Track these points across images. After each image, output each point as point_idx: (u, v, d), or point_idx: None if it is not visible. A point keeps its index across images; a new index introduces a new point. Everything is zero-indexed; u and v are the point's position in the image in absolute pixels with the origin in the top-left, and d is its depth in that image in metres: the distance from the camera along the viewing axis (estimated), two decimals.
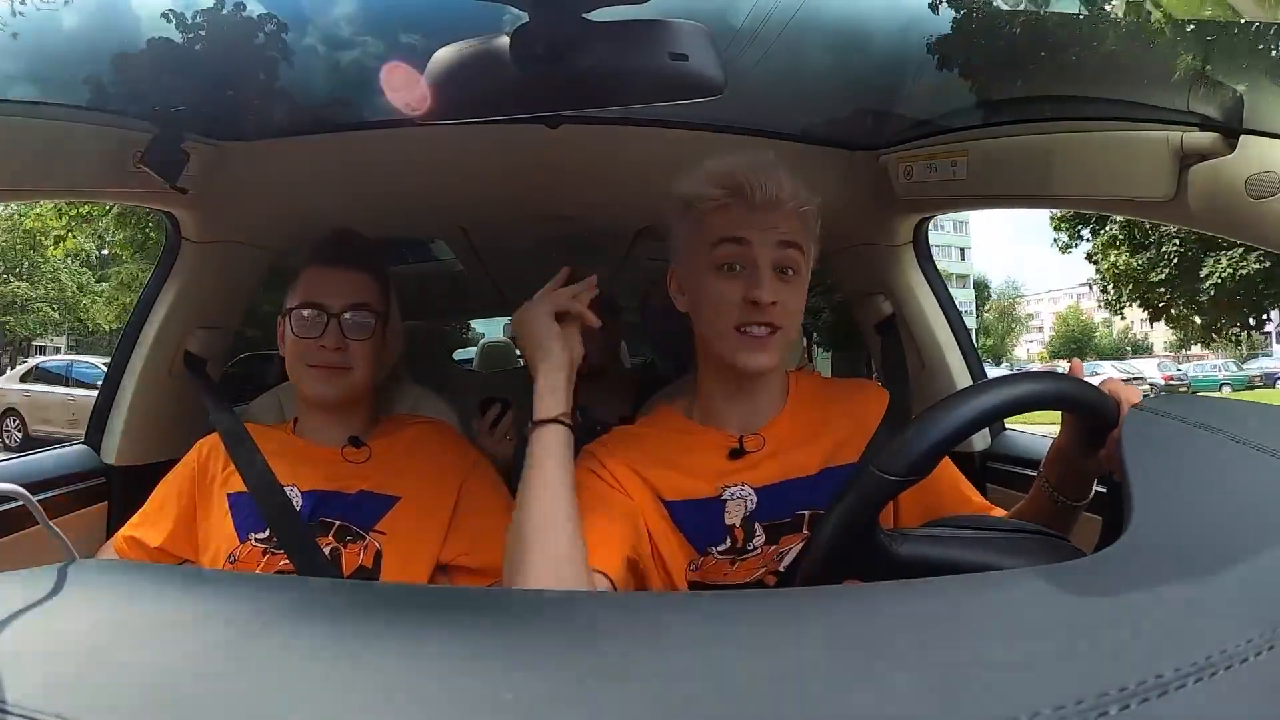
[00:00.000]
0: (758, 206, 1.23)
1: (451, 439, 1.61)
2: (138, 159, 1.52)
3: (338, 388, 1.49)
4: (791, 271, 1.25)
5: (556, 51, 1.07)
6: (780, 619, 0.66)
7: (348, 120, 1.75)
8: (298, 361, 1.49)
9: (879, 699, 0.53)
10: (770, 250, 1.23)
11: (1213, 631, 0.59)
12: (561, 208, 2.13)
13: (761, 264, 1.23)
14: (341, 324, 1.48)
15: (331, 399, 1.50)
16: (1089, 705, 0.48)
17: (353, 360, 1.49)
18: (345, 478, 1.49)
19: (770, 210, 1.24)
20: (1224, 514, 0.81)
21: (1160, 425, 0.95)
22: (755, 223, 1.23)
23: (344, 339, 1.48)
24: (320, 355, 1.47)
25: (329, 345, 1.47)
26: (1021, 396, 1.05)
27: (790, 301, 1.25)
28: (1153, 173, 1.29)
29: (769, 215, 1.24)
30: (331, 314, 1.48)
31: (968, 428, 1.00)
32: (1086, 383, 1.15)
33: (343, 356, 1.48)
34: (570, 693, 0.55)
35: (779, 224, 1.24)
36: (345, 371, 1.49)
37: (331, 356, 1.47)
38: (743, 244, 1.23)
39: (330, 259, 1.52)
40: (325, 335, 1.47)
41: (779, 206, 1.24)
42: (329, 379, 1.48)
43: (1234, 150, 1.22)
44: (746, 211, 1.24)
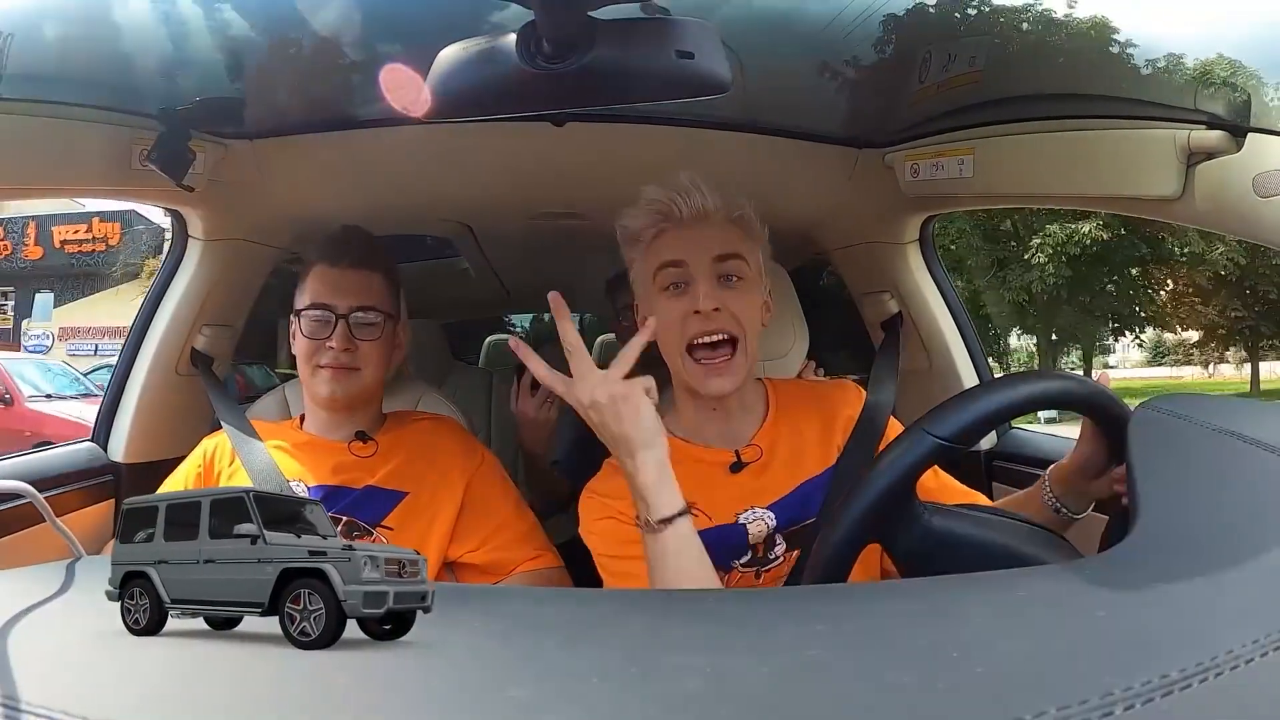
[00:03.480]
0: (686, 223, 1.27)
1: (459, 435, 1.62)
2: (144, 157, 1.52)
3: (347, 387, 1.49)
4: (736, 278, 1.28)
5: (562, 49, 1.07)
6: (784, 618, 0.66)
7: (354, 118, 1.75)
8: (307, 362, 1.50)
9: (884, 698, 0.53)
10: (707, 265, 1.26)
11: (1219, 631, 0.59)
12: (568, 206, 2.13)
13: (699, 277, 1.26)
14: (350, 324, 1.48)
15: (340, 399, 1.51)
16: (1094, 705, 0.48)
17: (361, 360, 1.50)
18: (352, 473, 1.49)
19: (700, 225, 1.27)
20: (1231, 513, 0.81)
21: (1167, 424, 0.95)
22: (688, 240, 1.27)
23: (352, 340, 1.48)
24: (329, 356, 1.48)
25: (337, 346, 1.47)
26: (1082, 394, 1.05)
27: (739, 306, 1.26)
28: (1159, 170, 1.28)
29: (701, 231, 1.27)
30: (339, 315, 1.48)
31: (1023, 406, 1.00)
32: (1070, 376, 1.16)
33: (351, 357, 1.48)
34: (574, 690, 0.55)
35: (712, 238, 1.27)
36: (354, 371, 1.49)
37: (340, 357, 1.48)
38: (680, 265, 1.26)
39: (337, 258, 1.52)
40: (334, 336, 1.47)
41: (707, 219, 1.27)
42: (338, 379, 1.49)
43: (1241, 148, 1.21)
44: (678, 231, 1.27)
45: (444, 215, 2.29)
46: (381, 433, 1.55)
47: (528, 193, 2.04)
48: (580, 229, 2.26)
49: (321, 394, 1.50)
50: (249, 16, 1.50)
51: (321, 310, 1.49)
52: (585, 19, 1.05)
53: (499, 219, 2.32)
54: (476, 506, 1.51)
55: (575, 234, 2.33)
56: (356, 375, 1.50)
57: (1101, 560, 0.81)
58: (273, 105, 1.71)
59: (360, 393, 1.52)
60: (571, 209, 2.14)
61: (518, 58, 1.09)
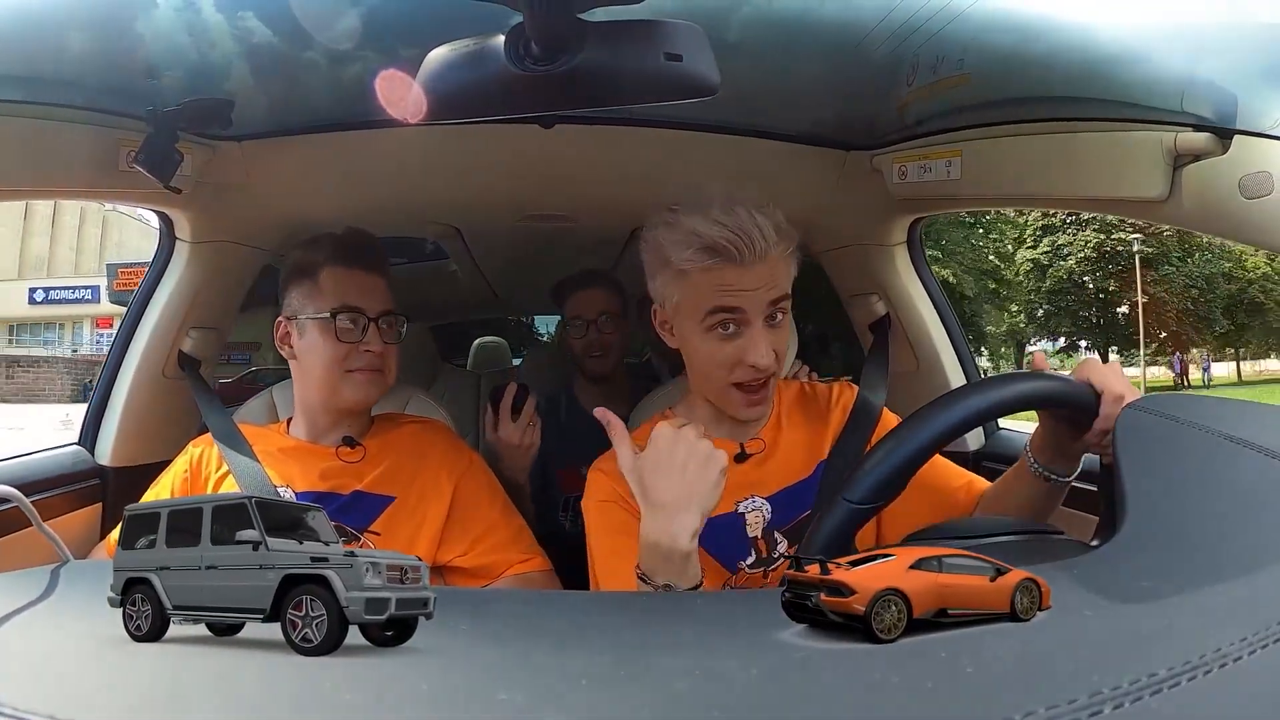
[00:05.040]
0: (747, 265, 1.19)
1: (447, 438, 1.61)
2: (131, 159, 1.52)
3: (378, 390, 1.51)
4: (780, 316, 1.25)
5: (551, 51, 1.07)
6: (772, 619, 0.66)
7: (342, 120, 1.75)
8: (336, 366, 1.48)
9: (873, 699, 0.53)
10: (761, 310, 1.21)
11: (1208, 630, 0.59)
12: (556, 208, 2.13)
13: (756, 325, 1.22)
14: (379, 327, 1.49)
15: (368, 403, 1.52)
16: (1083, 705, 0.48)
17: (385, 363, 1.50)
18: (339, 479, 1.48)
19: (758, 264, 1.20)
20: (1219, 513, 0.81)
21: (1154, 424, 0.95)
22: (746, 283, 1.20)
23: (383, 342, 1.49)
24: (364, 359, 1.48)
25: (375, 349, 1.48)
26: (985, 408, 1.06)
27: (780, 346, 1.25)
28: (1146, 173, 1.29)
29: (759, 272, 1.20)
30: (370, 318, 1.48)
31: (931, 447, 1.00)
32: (1053, 376, 1.16)
33: (381, 360, 1.49)
34: (565, 692, 0.55)
35: (768, 279, 1.21)
36: (381, 374, 1.50)
37: (374, 360, 1.48)
38: (736, 311, 1.21)
39: (351, 261, 1.51)
40: (368, 339, 1.48)
41: (766, 258, 1.20)
42: (371, 382, 1.49)
43: (1228, 150, 1.22)
44: (737, 271, 1.20)
45: (432, 217, 2.29)
46: (369, 437, 1.54)
47: (516, 195, 2.04)
48: (568, 231, 2.27)
49: (352, 399, 1.50)
50: (236, 18, 1.50)
51: (353, 313, 1.48)
52: (574, 21, 1.05)
53: (487, 221, 2.32)
54: (464, 509, 1.51)
55: (564, 236, 2.33)
56: (382, 378, 1.51)
57: (1089, 559, 0.82)
58: (261, 107, 1.71)
59: (381, 395, 1.53)
60: (560, 211, 2.14)
61: (506, 59, 1.09)
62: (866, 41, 1.51)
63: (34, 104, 1.45)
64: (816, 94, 1.76)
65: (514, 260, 2.77)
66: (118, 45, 1.51)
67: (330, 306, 1.48)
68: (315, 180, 1.88)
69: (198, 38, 1.54)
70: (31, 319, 28.47)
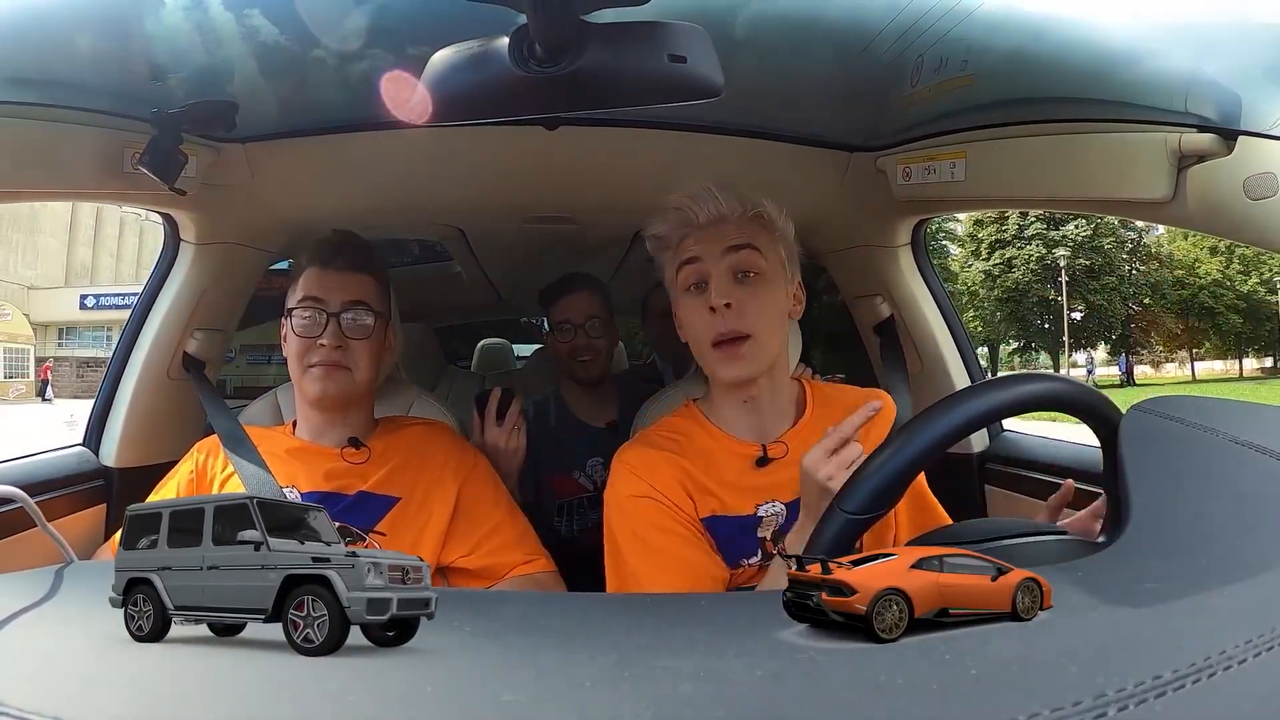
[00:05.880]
0: (704, 224, 1.33)
1: (452, 440, 1.61)
2: (136, 160, 1.52)
3: (338, 386, 1.49)
4: (753, 274, 1.32)
5: (555, 53, 1.07)
6: (778, 619, 0.66)
7: (345, 122, 1.75)
8: (299, 361, 1.49)
9: (877, 699, 0.53)
10: (720, 259, 1.32)
11: (1212, 632, 0.59)
12: (559, 209, 2.13)
13: (714, 273, 1.31)
14: (340, 322, 1.48)
15: (332, 397, 1.50)
16: (1087, 706, 0.48)
17: (352, 360, 1.49)
18: (344, 479, 1.49)
19: (718, 225, 1.33)
20: (1222, 516, 0.81)
21: (1158, 426, 0.95)
22: (704, 238, 1.33)
23: (343, 337, 1.48)
24: (320, 353, 1.47)
25: (329, 343, 1.47)
26: (985, 411, 1.05)
27: (750, 302, 1.30)
28: (1150, 174, 1.28)
29: (718, 229, 1.33)
30: (330, 313, 1.48)
31: (928, 454, 1.00)
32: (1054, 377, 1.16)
33: (342, 355, 1.48)
34: (568, 695, 0.55)
35: (727, 232, 1.32)
36: (345, 370, 1.49)
37: (332, 355, 1.47)
38: (696, 262, 1.33)
39: (328, 261, 1.52)
40: (325, 334, 1.47)
41: (724, 220, 1.33)
42: (329, 377, 1.48)
43: (1232, 151, 1.21)
44: (698, 232, 1.33)
45: (436, 219, 2.29)
46: (374, 438, 1.54)
47: (520, 196, 2.04)
48: (572, 232, 2.26)
49: (312, 393, 1.50)
50: (241, 20, 1.50)
51: (312, 308, 1.48)
52: (577, 22, 1.05)
53: (491, 223, 2.32)
54: (469, 510, 1.51)
55: (567, 238, 2.33)
56: (347, 374, 1.49)
57: (1094, 561, 0.82)
58: (265, 109, 1.71)
59: (351, 393, 1.51)
60: (563, 213, 2.14)
61: (510, 61, 1.08)
62: (870, 43, 1.51)
63: (39, 106, 1.46)
64: (820, 95, 1.76)
65: (518, 262, 2.77)
66: (122, 48, 1.52)
67: (296, 301, 1.50)
68: (319, 182, 1.88)
69: (202, 40, 1.54)
70: (81, 323, 31.30)
